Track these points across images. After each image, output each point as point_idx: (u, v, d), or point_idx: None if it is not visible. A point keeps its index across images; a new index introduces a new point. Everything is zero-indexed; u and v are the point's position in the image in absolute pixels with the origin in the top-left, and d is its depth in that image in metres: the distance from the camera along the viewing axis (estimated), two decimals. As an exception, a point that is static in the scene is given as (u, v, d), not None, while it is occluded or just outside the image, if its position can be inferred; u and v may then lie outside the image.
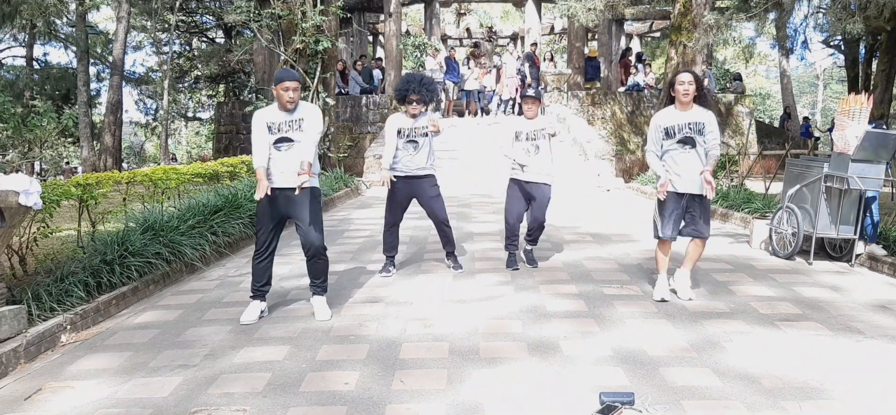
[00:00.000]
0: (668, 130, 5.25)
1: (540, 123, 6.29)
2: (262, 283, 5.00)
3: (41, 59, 31.46)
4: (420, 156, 6.12)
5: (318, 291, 5.09)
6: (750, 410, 3.40)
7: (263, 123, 4.81)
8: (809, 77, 55.25)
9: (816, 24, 18.74)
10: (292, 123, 4.78)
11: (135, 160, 36.78)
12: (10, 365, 4.09)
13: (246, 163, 10.77)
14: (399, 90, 6.16)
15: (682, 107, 5.24)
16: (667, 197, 5.24)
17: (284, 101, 4.74)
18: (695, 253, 5.49)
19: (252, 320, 4.91)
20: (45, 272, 5.33)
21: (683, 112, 5.24)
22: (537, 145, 6.24)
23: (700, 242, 5.45)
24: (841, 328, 4.70)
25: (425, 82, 6.13)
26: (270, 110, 4.87)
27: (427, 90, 6.09)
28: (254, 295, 5.02)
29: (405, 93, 6.07)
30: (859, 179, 6.56)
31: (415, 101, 6.04)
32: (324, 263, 5.04)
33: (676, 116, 5.25)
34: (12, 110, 8.11)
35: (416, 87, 6.04)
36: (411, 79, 6.14)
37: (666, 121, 5.27)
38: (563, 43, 34.84)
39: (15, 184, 4.32)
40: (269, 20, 13.90)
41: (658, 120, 5.32)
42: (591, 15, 16.53)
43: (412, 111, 6.07)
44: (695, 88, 5.18)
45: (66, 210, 6.81)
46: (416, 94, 6.02)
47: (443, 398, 3.57)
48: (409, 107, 6.07)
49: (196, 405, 3.53)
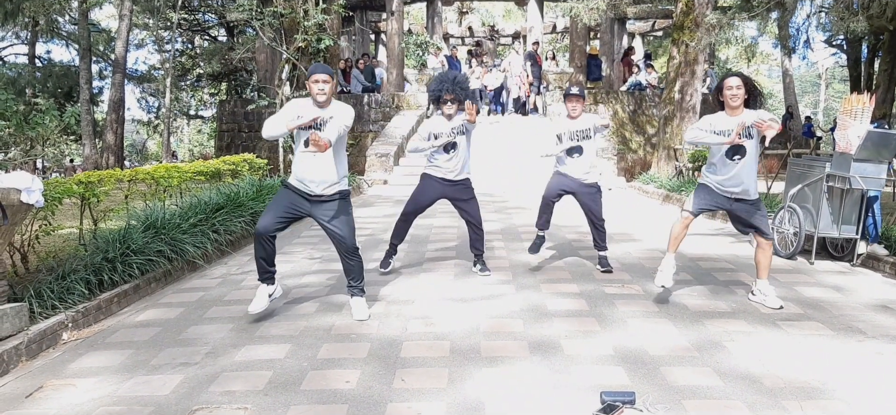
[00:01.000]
0: (718, 133, 4.97)
1: (584, 121, 6.08)
2: (267, 266, 4.89)
3: (43, 57, 31.48)
4: (458, 159, 5.97)
5: (355, 293, 5.04)
6: (751, 410, 3.39)
7: (294, 112, 4.71)
8: (811, 76, 55.15)
9: (819, 24, 18.71)
10: (323, 121, 4.64)
11: (137, 158, 36.82)
12: (12, 363, 4.10)
13: (248, 161, 10.78)
14: (433, 91, 6.01)
15: (731, 112, 4.98)
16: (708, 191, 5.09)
17: (314, 92, 4.67)
18: (764, 258, 5.21)
19: (261, 308, 4.85)
20: (46, 270, 5.34)
21: (733, 118, 4.95)
22: (580, 147, 6.08)
23: (765, 244, 5.19)
24: (843, 328, 4.70)
25: (459, 81, 5.96)
26: (304, 102, 4.79)
27: (461, 89, 5.92)
28: (261, 279, 4.92)
29: (439, 93, 5.91)
30: (861, 179, 6.55)
31: (449, 101, 5.88)
32: (357, 262, 5.00)
33: (727, 121, 4.98)
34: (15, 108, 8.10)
35: (450, 86, 5.87)
36: (444, 78, 5.97)
37: (717, 124, 5.01)
38: (564, 42, 34.85)
39: (17, 181, 4.33)
40: (271, 18, 13.91)
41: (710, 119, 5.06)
42: (594, 14, 16.51)
43: (447, 111, 5.91)
44: (744, 92, 4.92)
45: (68, 208, 6.81)
46: (451, 93, 5.86)
47: (444, 397, 3.57)
48: (444, 107, 5.91)
49: (197, 403, 3.53)
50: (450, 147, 5.96)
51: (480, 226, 6.23)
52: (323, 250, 7.22)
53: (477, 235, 6.25)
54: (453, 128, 5.93)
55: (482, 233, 6.28)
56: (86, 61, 23.45)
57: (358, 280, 5.03)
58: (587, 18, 16.65)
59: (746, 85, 4.95)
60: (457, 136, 5.95)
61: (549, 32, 29.52)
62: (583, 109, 6.14)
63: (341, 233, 4.85)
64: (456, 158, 5.98)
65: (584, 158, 6.11)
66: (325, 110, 4.70)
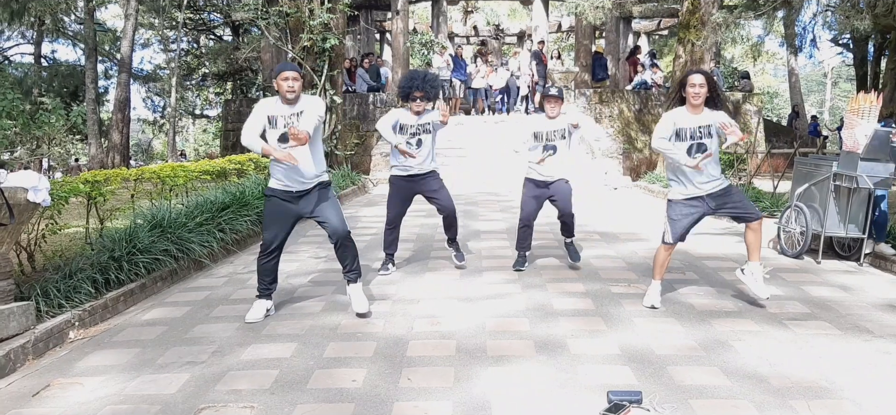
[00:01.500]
0: (680, 132, 4.96)
1: (561, 122, 6.17)
2: (269, 281, 4.99)
3: (49, 57, 31.60)
4: (422, 154, 6.08)
5: (352, 279, 5.06)
6: (758, 409, 3.38)
7: (264, 113, 4.75)
8: (818, 76, 54.98)
9: (825, 23, 18.68)
10: (294, 115, 4.71)
11: (142, 157, 36.91)
12: (19, 361, 4.11)
13: (253, 160, 10.79)
14: (402, 87, 6.12)
15: (693, 110, 4.95)
16: (680, 202, 5.05)
17: (284, 91, 4.69)
18: (755, 240, 5.09)
19: (258, 319, 4.91)
20: (53, 269, 5.35)
21: (694, 116, 4.95)
22: (555, 146, 6.16)
23: (755, 224, 5.05)
24: (850, 328, 4.68)
25: (429, 79, 6.08)
26: (272, 102, 4.81)
27: (431, 86, 6.04)
28: (260, 294, 5.01)
29: (409, 90, 6.02)
30: (868, 178, 6.53)
31: (419, 98, 5.99)
32: (352, 247, 5.02)
33: (688, 118, 4.96)
34: (21, 107, 8.14)
35: (420, 83, 5.99)
36: (415, 75, 6.09)
37: (679, 122, 4.97)
38: (570, 41, 34.76)
39: (24, 180, 4.34)
40: (276, 18, 13.90)
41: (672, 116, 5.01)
42: (599, 13, 16.51)
43: (416, 108, 6.03)
44: (707, 90, 4.88)
45: (75, 207, 6.83)
46: (420, 90, 5.97)
47: (450, 396, 3.56)
48: (413, 104, 6.02)
49: (204, 402, 3.54)
50: (416, 143, 6.06)
51: (454, 214, 6.34)
52: (328, 249, 7.20)
53: (450, 223, 6.37)
54: (420, 124, 6.06)
55: (455, 219, 6.38)
56: (91, 61, 23.49)
57: (353, 265, 5.05)
58: (592, 17, 16.64)
59: (709, 84, 4.90)
60: (422, 133, 6.08)
61: (554, 31, 29.44)
62: (560, 109, 6.21)
63: (329, 217, 4.88)
64: (423, 150, 6.09)
65: (557, 156, 6.18)
66: (295, 106, 4.75)
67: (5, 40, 28.99)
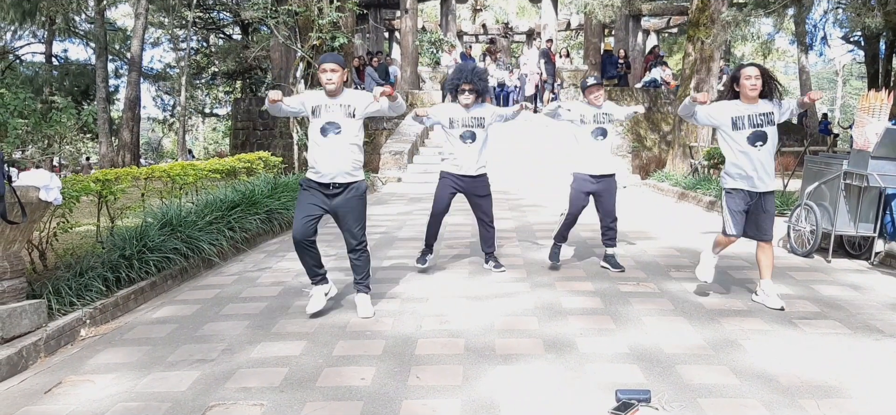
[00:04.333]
0: (737, 120, 4.96)
1: (607, 108, 6.15)
2: (314, 266, 4.93)
3: (60, 56, 31.81)
4: (475, 149, 5.96)
5: (361, 290, 5.07)
6: (768, 408, 3.37)
7: (306, 101, 4.83)
8: (828, 73, 54.62)
9: (836, 20, 18.53)
10: (337, 106, 4.74)
11: (153, 156, 37.09)
12: (31, 359, 4.14)
13: (263, 159, 10.83)
14: (451, 80, 6.04)
15: (748, 101, 4.97)
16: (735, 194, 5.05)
17: (323, 82, 4.72)
18: (766, 259, 5.17)
19: (319, 308, 4.93)
20: (64, 267, 5.39)
21: (751, 105, 4.97)
22: (605, 129, 6.11)
23: (766, 245, 5.16)
24: (860, 327, 4.66)
25: (477, 72, 6.00)
26: (315, 93, 4.84)
27: (480, 79, 5.96)
28: (313, 283, 5.00)
29: (457, 83, 5.93)
30: (879, 177, 6.49)
31: (467, 91, 5.91)
32: (366, 257, 5.04)
33: (744, 107, 4.97)
34: (32, 106, 8.19)
35: (469, 76, 5.91)
36: (463, 69, 6.00)
37: (735, 111, 4.99)
38: (579, 39, 34.71)
39: (36, 179, 4.38)
40: (286, 17, 13.95)
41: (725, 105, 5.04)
42: (608, 11, 16.48)
43: (464, 101, 5.93)
44: (762, 82, 4.92)
45: (86, 205, 6.87)
46: (469, 83, 5.89)
47: (458, 395, 3.57)
48: (461, 97, 5.93)
49: (214, 400, 3.56)
50: (468, 137, 5.95)
51: (492, 223, 6.25)
52: (338, 248, 7.23)
53: (488, 234, 6.28)
54: (473, 117, 5.94)
55: (493, 231, 6.31)
56: (102, 60, 23.61)
57: (364, 277, 5.07)
58: (602, 15, 16.62)
59: (764, 76, 4.96)
60: (476, 127, 5.95)
61: (563, 30, 29.40)
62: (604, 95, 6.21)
63: (349, 225, 4.89)
64: (476, 145, 5.97)
65: (607, 141, 6.14)
66: (338, 99, 4.77)
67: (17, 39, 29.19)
